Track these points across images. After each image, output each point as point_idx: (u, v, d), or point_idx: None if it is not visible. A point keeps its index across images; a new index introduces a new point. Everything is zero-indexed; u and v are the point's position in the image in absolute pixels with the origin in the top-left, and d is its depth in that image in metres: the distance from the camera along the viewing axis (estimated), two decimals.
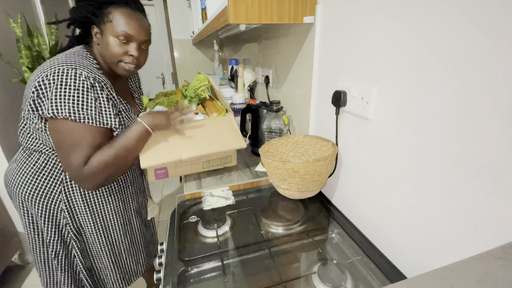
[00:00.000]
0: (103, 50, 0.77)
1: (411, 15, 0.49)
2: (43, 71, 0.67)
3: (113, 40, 0.74)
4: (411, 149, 0.53)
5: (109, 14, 0.73)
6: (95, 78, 0.70)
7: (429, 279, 0.26)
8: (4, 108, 1.49)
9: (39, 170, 0.79)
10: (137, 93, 1.00)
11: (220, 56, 1.95)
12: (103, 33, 0.75)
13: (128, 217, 0.95)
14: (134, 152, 0.75)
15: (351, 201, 0.76)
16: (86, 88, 0.68)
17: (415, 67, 0.49)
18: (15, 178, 0.81)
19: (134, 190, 0.98)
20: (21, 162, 0.81)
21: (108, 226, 0.90)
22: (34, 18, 1.84)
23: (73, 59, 0.70)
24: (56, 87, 0.65)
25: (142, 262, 1.05)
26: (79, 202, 0.83)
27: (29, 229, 0.85)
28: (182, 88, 1.04)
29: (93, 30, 0.77)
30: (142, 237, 1.02)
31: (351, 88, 0.67)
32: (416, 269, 0.55)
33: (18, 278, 1.59)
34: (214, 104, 1.02)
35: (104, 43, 0.75)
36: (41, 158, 0.78)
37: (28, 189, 0.79)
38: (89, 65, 0.72)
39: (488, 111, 0.38)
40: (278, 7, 0.75)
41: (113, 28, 0.74)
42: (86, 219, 0.85)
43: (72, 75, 0.66)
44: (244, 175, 0.98)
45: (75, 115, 0.66)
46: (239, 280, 0.59)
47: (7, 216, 1.55)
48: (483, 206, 0.41)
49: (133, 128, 0.74)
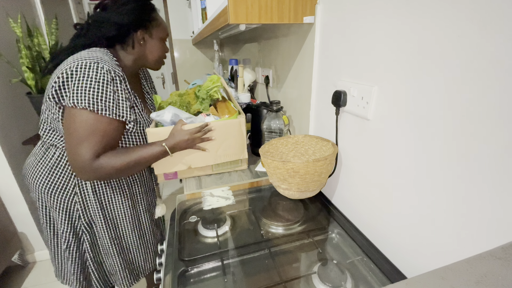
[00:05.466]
0: (149, 51, 0.86)
1: (411, 15, 0.49)
2: (67, 64, 0.71)
3: (160, 43, 0.88)
4: (411, 149, 0.53)
5: (155, 20, 0.85)
6: (116, 72, 0.73)
7: (429, 279, 0.26)
8: (4, 108, 1.49)
9: (55, 164, 0.82)
10: (150, 94, 1.04)
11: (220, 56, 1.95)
12: (151, 37, 0.85)
13: (137, 214, 0.97)
14: (145, 166, 0.81)
15: (351, 201, 0.76)
16: (107, 81, 0.71)
17: (415, 67, 0.49)
18: (33, 172, 0.84)
19: (144, 189, 1.00)
20: (39, 156, 0.84)
21: (117, 221, 0.92)
22: (34, 18, 1.84)
23: (95, 54, 0.73)
24: (79, 79, 0.68)
25: (151, 260, 1.06)
26: (90, 195, 0.86)
27: (43, 220, 0.89)
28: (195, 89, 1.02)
29: (140, 34, 0.82)
30: (151, 235, 1.04)
31: (351, 88, 0.67)
32: (416, 269, 0.55)
33: (18, 278, 1.59)
34: (227, 105, 1.01)
35: (152, 45, 0.86)
36: (57, 152, 0.82)
37: (44, 183, 0.83)
38: (110, 61, 0.75)
39: (488, 111, 0.38)
40: (278, 7, 0.75)
41: (160, 31, 0.86)
42: (96, 213, 0.88)
43: (94, 68, 0.70)
44: (244, 175, 0.98)
45: (94, 106, 0.69)
46: (239, 280, 0.59)
47: (7, 216, 1.55)
48: (483, 206, 0.41)
49: (154, 147, 0.80)
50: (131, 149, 0.77)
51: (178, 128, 0.82)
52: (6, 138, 1.48)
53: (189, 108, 1.00)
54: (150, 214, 1.04)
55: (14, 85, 1.54)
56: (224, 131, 0.90)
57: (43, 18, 1.87)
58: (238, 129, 0.91)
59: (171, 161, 0.88)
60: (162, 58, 0.91)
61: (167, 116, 0.87)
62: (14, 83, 1.46)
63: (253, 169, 1.02)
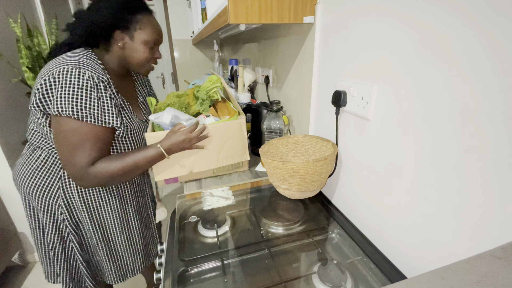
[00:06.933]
0: (129, 54, 0.80)
1: (411, 15, 0.49)
2: (49, 69, 0.68)
3: (143, 46, 0.79)
4: (411, 149, 0.53)
5: (139, 22, 0.77)
6: (99, 78, 0.71)
7: (429, 279, 0.26)
8: (4, 108, 1.49)
9: (40, 165, 0.81)
10: (144, 97, 1.00)
11: (220, 56, 1.95)
12: (132, 39, 0.78)
13: (126, 216, 0.96)
14: (143, 170, 0.79)
15: (351, 201, 0.76)
16: (90, 88, 0.69)
17: (415, 67, 0.49)
18: (20, 173, 0.84)
19: (134, 191, 0.98)
20: (26, 157, 0.84)
21: (105, 223, 0.91)
22: (34, 18, 1.84)
23: (77, 58, 0.71)
24: (61, 86, 0.67)
25: (140, 261, 1.05)
26: (75, 198, 0.84)
27: (31, 221, 0.88)
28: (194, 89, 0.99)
29: (117, 35, 0.77)
30: (140, 237, 1.03)
31: (351, 88, 0.67)
32: (416, 269, 0.55)
33: (18, 278, 1.59)
34: (227, 106, 0.99)
35: (132, 48, 0.79)
36: (43, 154, 0.80)
37: (30, 184, 0.82)
38: (92, 65, 0.73)
39: (488, 111, 0.38)
40: (278, 7, 0.75)
41: (143, 35, 0.78)
42: (83, 215, 0.87)
43: (76, 74, 0.68)
44: (244, 175, 0.98)
45: (78, 114, 0.68)
46: (239, 280, 0.59)
47: (7, 216, 1.55)
48: (483, 206, 0.41)
49: (149, 150, 0.77)
50: (127, 153, 0.76)
51: (174, 129, 0.80)
52: (6, 138, 1.48)
53: (188, 109, 0.98)
54: (140, 215, 1.02)
55: (14, 85, 1.54)
56: (224, 133, 0.88)
57: (43, 18, 1.87)
58: (239, 130, 0.90)
59: (172, 166, 0.86)
60: (148, 63, 0.84)
61: (166, 118, 0.84)
62: (14, 83, 1.46)
63: (253, 169, 1.02)
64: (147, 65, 0.84)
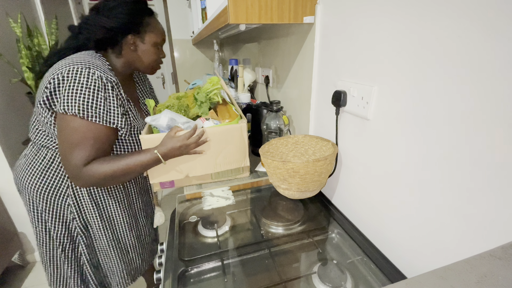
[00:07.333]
0: (140, 56, 0.83)
1: (412, 15, 0.49)
2: (58, 68, 0.69)
3: (153, 48, 0.84)
4: (411, 149, 0.53)
5: (148, 25, 0.81)
6: (107, 78, 0.72)
7: (429, 279, 0.26)
8: (4, 108, 1.49)
9: (47, 165, 0.81)
10: (144, 98, 1.00)
11: (220, 56, 1.95)
12: (143, 42, 0.81)
13: (134, 213, 0.97)
14: (137, 174, 0.78)
15: (351, 201, 0.76)
16: (98, 87, 0.69)
17: (415, 67, 0.49)
18: (24, 173, 0.83)
19: (138, 189, 0.99)
20: (30, 157, 0.82)
21: (115, 222, 0.91)
22: (34, 18, 1.84)
23: (87, 59, 0.72)
24: (69, 85, 0.67)
25: (147, 259, 1.06)
26: (85, 197, 0.84)
27: (36, 224, 0.87)
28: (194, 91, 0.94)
29: (130, 39, 0.79)
30: (147, 234, 1.04)
31: (351, 88, 0.67)
32: (416, 269, 0.55)
33: (18, 278, 1.59)
34: (228, 109, 0.95)
35: (143, 50, 0.82)
36: (49, 153, 0.80)
37: (36, 184, 0.81)
38: (102, 65, 0.74)
39: (489, 111, 0.38)
40: (278, 7, 0.75)
41: (153, 37, 0.83)
42: (92, 214, 0.87)
43: (85, 74, 0.68)
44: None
45: (84, 113, 0.68)
46: (239, 280, 0.59)
47: (7, 216, 1.55)
48: (483, 206, 0.41)
49: (146, 154, 0.76)
50: (122, 156, 0.75)
51: (170, 134, 0.77)
52: (6, 138, 1.48)
53: (187, 112, 0.94)
54: (145, 213, 1.03)
55: (14, 85, 1.54)
56: (224, 137, 0.83)
57: (43, 18, 1.87)
58: (239, 134, 0.85)
59: (167, 169, 0.83)
60: (157, 63, 0.89)
61: (163, 120, 0.81)
62: (14, 83, 1.46)
63: (253, 169, 1.02)
64: (156, 65, 0.89)
